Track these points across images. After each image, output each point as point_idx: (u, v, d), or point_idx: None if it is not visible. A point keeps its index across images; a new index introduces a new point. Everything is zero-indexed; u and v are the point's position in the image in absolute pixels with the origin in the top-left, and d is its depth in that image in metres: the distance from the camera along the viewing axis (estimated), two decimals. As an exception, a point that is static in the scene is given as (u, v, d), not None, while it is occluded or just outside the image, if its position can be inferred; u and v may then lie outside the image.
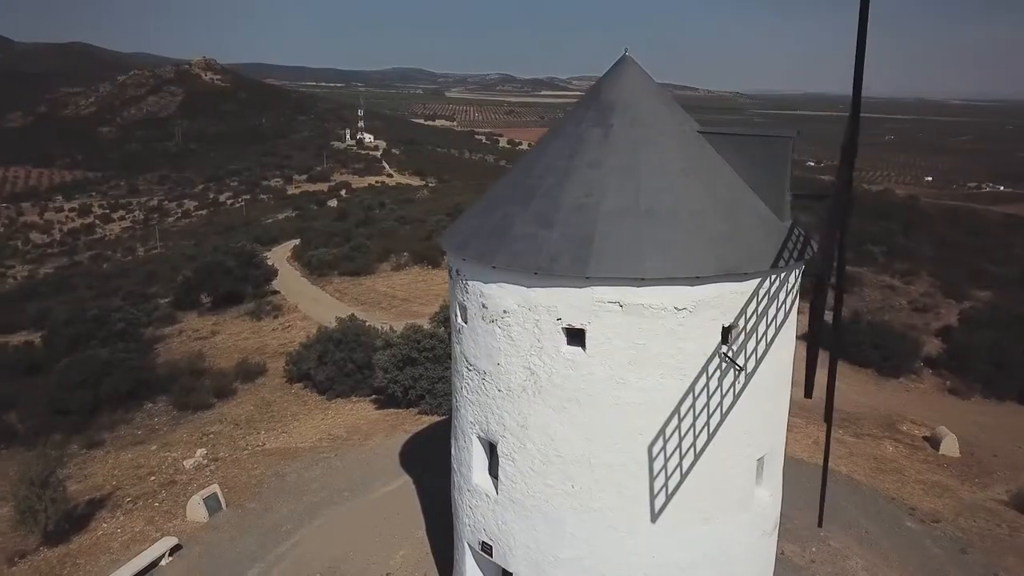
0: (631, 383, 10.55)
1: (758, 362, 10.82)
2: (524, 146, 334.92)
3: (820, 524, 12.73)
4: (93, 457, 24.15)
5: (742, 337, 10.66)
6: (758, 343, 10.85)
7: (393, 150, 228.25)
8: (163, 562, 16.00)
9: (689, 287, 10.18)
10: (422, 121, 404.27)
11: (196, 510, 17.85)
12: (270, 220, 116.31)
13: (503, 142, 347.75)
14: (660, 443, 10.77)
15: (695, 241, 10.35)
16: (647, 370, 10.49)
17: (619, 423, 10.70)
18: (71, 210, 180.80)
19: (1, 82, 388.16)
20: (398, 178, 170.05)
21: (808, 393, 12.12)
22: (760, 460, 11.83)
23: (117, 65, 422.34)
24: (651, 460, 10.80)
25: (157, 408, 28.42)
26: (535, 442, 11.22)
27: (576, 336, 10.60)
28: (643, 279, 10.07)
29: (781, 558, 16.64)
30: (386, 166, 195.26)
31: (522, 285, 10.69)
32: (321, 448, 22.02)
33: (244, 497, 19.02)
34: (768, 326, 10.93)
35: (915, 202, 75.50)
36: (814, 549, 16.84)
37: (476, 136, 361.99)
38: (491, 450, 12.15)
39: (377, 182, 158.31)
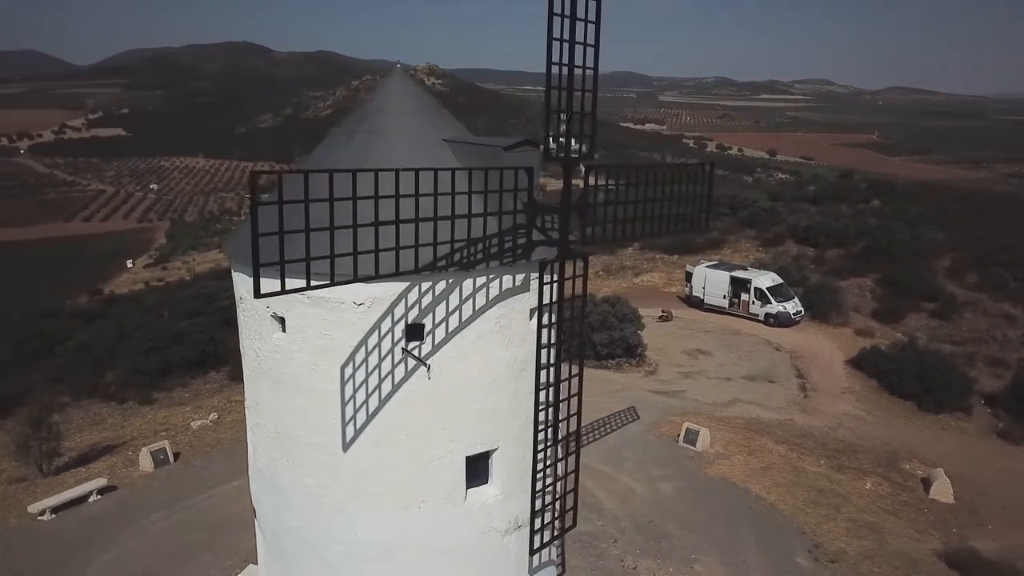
0: (323, 370, 11.41)
1: (429, 358, 11.22)
2: (733, 151, 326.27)
3: (531, 553, 12.49)
4: (139, 412, 28.15)
5: (431, 334, 11.16)
6: (447, 342, 11.27)
7: (594, 153, 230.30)
8: (91, 499, 18.86)
9: (363, 284, 10.83)
10: (631, 125, 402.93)
11: (145, 461, 20.68)
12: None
13: (711, 146, 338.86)
14: (351, 429, 11.53)
15: (378, 241, 10.98)
16: (336, 359, 11.30)
17: (317, 406, 11.58)
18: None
19: (259, 87, 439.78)
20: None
21: None
22: (480, 458, 12.12)
23: (354, 70, 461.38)
24: (344, 443, 11.59)
25: (218, 376, 32.22)
26: (264, 418, 12.40)
27: (282, 324, 11.65)
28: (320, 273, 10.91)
29: (632, 572, 16.39)
30: (582, 168, 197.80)
31: (245, 275, 11.90)
32: (291, 421, 24.22)
33: (196, 455, 21.66)
34: (460, 326, 11.31)
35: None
36: (671, 570, 16.33)
37: (683, 140, 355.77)
38: (258, 423, 13.41)
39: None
